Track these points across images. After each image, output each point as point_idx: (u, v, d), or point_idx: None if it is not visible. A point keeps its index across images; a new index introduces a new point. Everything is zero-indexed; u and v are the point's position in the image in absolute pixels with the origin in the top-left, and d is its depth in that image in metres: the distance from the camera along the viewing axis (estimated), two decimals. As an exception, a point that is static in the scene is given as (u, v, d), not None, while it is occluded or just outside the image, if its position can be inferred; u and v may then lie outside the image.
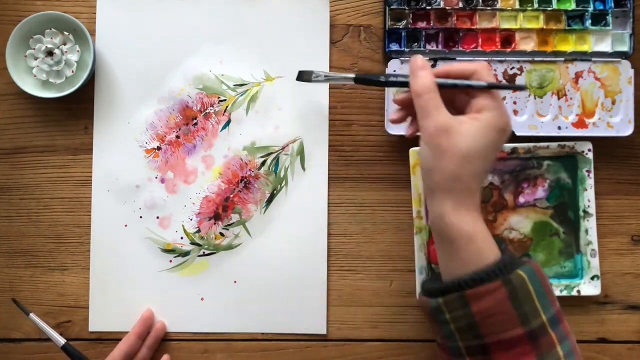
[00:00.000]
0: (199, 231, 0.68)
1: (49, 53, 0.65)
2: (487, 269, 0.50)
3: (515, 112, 0.67)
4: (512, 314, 0.49)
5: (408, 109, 0.57)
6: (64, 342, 0.63)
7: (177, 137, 0.68)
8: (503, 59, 0.67)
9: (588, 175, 0.67)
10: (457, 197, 0.51)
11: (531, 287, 0.50)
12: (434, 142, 0.51)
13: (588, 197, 0.67)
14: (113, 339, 0.67)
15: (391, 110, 0.65)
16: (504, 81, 0.67)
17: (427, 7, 0.67)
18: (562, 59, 0.67)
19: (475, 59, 0.67)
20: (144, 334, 0.66)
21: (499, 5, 0.67)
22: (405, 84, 0.55)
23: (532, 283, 0.50)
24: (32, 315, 0.64)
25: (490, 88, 0.53)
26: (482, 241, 0.51)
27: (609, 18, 0.67)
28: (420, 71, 0.53)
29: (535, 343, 0.49)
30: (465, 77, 0.54)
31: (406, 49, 0.67)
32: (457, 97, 0.55)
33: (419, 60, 0.53)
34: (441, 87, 0.53)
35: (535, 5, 0.67)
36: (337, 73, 0.66)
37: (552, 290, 0.53)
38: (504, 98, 0.67)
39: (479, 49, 0.67)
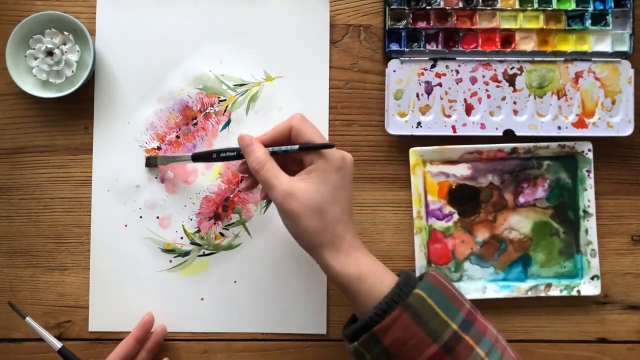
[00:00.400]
0: (199, 231, 0.68)
1: (49, 53, 0.65)
2: (385, 300, 0.51)
3: (515, 112, 0.67)
4: (421, 335, 0.50)
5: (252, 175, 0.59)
6: (60, 346, 0.63)
7: (177, 137, 0.68)
8: (503, 59, 0.67)
9: (588, 175, 0.67)
10: (330, 247, 0.53)
11: (432, 302, 0.51)
12: (286, 209, 0.53)
13: (588, 197, 0.67)
14: (113, 339, 0.67)
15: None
16: (504, 81, 0.67)
17: (427, 7, 0.67)
18: (562, 59, 0.67)
19: (475, 58, 0.67)
20: (142, 339, 0.65)
21: (499, 5, 0.67)
22: (235, 158, 0.59)
23: (432, 297, 0.51)
24: (28, 319, 0.64)
25: (301, 150, 0.55)
26: (372, 276, 0.53)
27: (609, 18, 0.67)
28: (249, 148, 0.56)
29: (452, 354, 0.50)
30: (286, 135, 0.56)
31: (406, 49, 0.67)
32: (289, 157, 0.57)
33: (246, 138, 0.56)
34: (273, 154, 0.56)
35: (535, 5, 0.67)
36: (177, 155, 0.67)
37: (458, 293, 0.53)
38: (504, 98, 0.67)
39: (479, 49, 0.67)
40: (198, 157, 0.62)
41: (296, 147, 0.56)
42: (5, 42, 0.65)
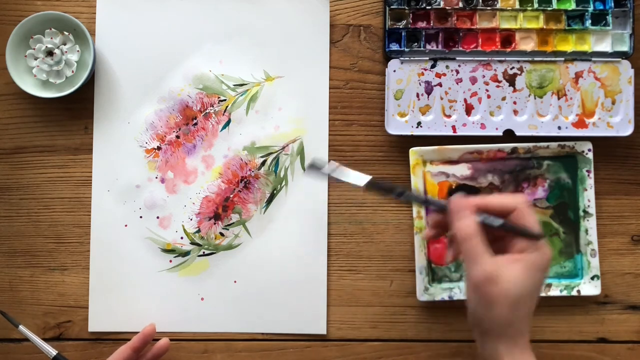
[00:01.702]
0: (199, 231, 0.68)
1: (49, 53, 0.65)
2: None
3: (515, 112, 0.67)
4: None
5: (442, 228, 0.57)
6: (55, 354, 0.62)
7: (177, 137, 0.68)
8: (503, 59, 0.67)
9: (588, 175, 0.67)
10: (509, 340, 0.51)
11: None
12: (483, 291, 0.50)
13: (588, 197, 0.67)
14: (113, 339, 0.67)
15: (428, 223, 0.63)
16: (504, 81, 0.67)
17: (427, 7, 0.67)
18: (562, 59, 0.67)
19: (475, 58, 0.67)
20: (141, 349, 0.64)
21: (499, 5, 0.67)
22: (421, 204, 0.56)
23: None
24: (21, 327, 0.63)
25: (506, 229, 0.52)
26: None
27: (609, 18, 0.67)
28: (461, 212, 0.52)
29: None
30: (505, 213, 0.53)
31: (406, 49, 0.67)
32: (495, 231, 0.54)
33: (462, 201, 0.53)
34: (485, 225, 0.52)
35: (535, 5, 0.67)
36: (352, 171, 0.58)
37: None
38: (504, 98, 0.67)
39: (479, 49, 0.67)
40: (374, 185, 0.57)
41: (500, 221, 0.52)
42: (5, 42, 0.65)
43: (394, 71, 0.67)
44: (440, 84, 0.67)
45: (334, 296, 0.68)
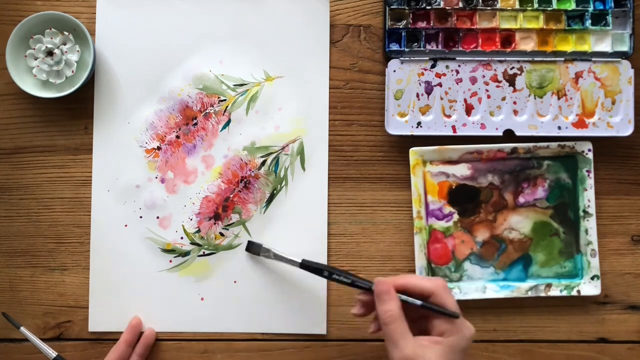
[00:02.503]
0: (199, 231, 0.68)
1: (49, 53, 0.65)
2: None
3: (515, 112, 0.67)
4: None
5: (371, 306, 0.58)
6: (55, 355, 0.63)
7: (177, 137, 0.68)
8: (503, 59, 0.67)
9: (588, 175, 0.67)
10: None
11: None
12: None
13: (588, 197, 0.67)
14: (113, 339, 0.67)
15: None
16: (504, 81, 0.67)
17: (427, 7, 0.67)
18: (562, 59, 0.67)
19: (475, 58, 0.67)
20: (133, 342, 0.65)
21: (499, 5, 0.67)
22: (347, 284, 0.59)
23: None
24: (22, 329, 0.63)
25: (424, 308, 0.55)
26: None
27: (609, 18, 0.67)
28: (385, 295, 0.55)
29: None
30: (423, 296, 0.55)
31: (406, 49, 0.67)
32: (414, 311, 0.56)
33: (384, 284, 0.55)
34: (403, 302, 0.55)
35: (535, 5, 0.67)
36: (285, 254, 0.64)
37: None
38: (504, 98, 0.67)
39: (479, 49, 0.67)
40: (307, 267, 0.62)
41: (418, 302, 0.55)
42: (5, 42, 0.65)
43: (394, 71, 0.67)
44: (440, 84, 0.67)
45: (334, 296, 0.68)
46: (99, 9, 0.69)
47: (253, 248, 0.66)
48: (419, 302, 0.55)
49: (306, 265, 0.62)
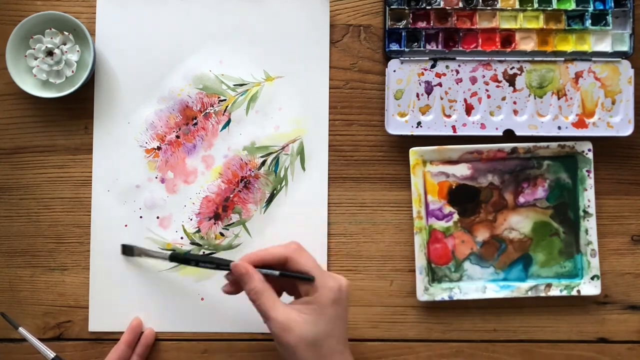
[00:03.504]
0: (199, 231, 0.68)
1: (49, 53, 0.65)
2: None
3: (515, 112, 0.67)
4: None
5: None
6: (53, 356, 0.63)
7: (177, 137, 0.68)
8: (503, 59, 0.67)
9: (588, 175, 0.67)
10: None
11: None
12: (281, 340, 0.55)
13: (588, 197, 0.67)
14: (113, 339, 0.67)
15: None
16: (504, 81, 0.67)
17: (427, 7, 0.67)
18: (562, 59, 0.67)
19: (475, 58, 0.67)
20: (133, 342, 0.66)
21: (499, 5, 0.67)
22: (214, 269, 0.61)
23: None
24: (21, 329, 0.63)
25: (282, 276, 0.57)
26: None
27: (609, 18, 0.67)
28: (245, 277, 0.57)
29: None
30: (280, 263, 0.57)
31: (406, 49, 0.67)
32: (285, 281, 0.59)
33: (240, 266, 0.57)
34: (267, 276, 0.57)
35: (535, 5, 0.67)
36: (155, 250, 0.66)
37: None
38: (504, 98, 0.67)
39: (479, 49, 0.67)
40: (175, 258, 0.63)
41: (277, 272, 0.57)
42: (5, 42, 0.65)
43: (394, 71, 0.67)
44: (440, 84, 0.67)
45: (334, 296, 0.68)
46: (99, 9, 0.69)
47: (128, 251, 0.67)
48: (276, 272, 0.57)
49: (174, 257, 0.63)
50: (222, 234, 0.68)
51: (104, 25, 0.69)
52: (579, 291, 0.67)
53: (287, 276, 0.57)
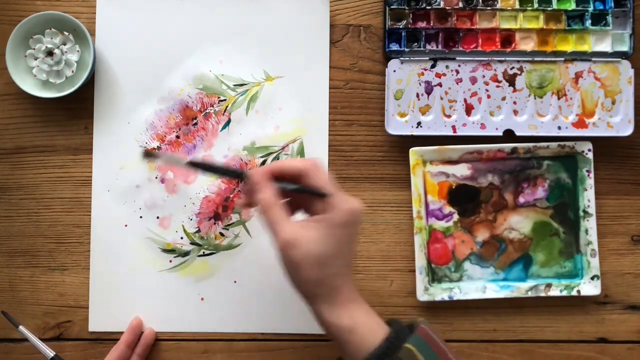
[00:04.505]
0: (199, 231, 0.68)
1: (49, 53, 0.65)
2: (375, 352, 0.51)
3: (515, 112, 0.67)
4: None
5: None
6: (52, 355, 0.63)
7: (177, 137, 0.68)
8: (503, 59, 0.67)
9: (588, 175, 0.67)
10: (326, 298, 0.53)
11: (421, 357, 0.50)
12: (286, 255, 0.52)
13: (588, 197, 0.67)
14: (113, 339, 0.67)
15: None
16: (504, 81, 0.67)
17: (427, 7, 0.67)
18: (562, 59, 0.67)
19: (475, 58, 0.67)
20: (133, 342, 0.66)
21: (499, 5, 0.67)
22: (230, 176, 0.60)
23: (422, 352, 0.50)
24: (21, 327, 0.63)
25: (299, 192, 0.55)
26: (364, 328, 0.52)
27: (609, 18, 0.67)
28: (258, 185, 0.54)
29: None
30: (297, 176, 0.55)
31: (406, 49, 0.67)
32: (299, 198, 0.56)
33: (257, 175, 0.54)
34: (283, 190, 0.55)
35: (535, 5, 0.67)
36: (174, 155, 0.66)
37: (446, 348, 0.53)
38: (504, 98, 0.67)
39: (479, 49, 0.67)
40: (193, 164, 0.59)
41: (292, 186, 0.55)
42: (5, 42, 0.65)
43: (394, 71, 0.67)
44: (440, 84, 0.67)
45: (334, 296, 0.68)
46: (99, 9, 0.69)
47: (149, 155, 0.65)
48: (292, 185, 0.55)
49: (192, 163, 0.59)
50: (222, 234, 0.68)
51: (104, 25, 0.69)
52: (579, 291, 0.67)
53: (301, 191, 0.54)
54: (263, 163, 0.68)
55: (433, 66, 0.67)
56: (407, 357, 0.50)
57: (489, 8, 0.67)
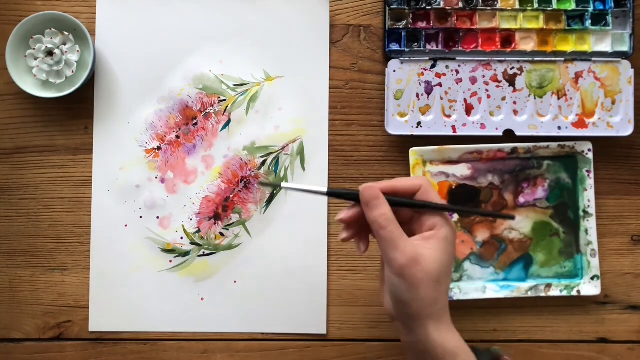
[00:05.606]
0: (199, 231, 0.68)
1: (49, 53, 0.65)
2: None
3: (515, 112, 0.67)
4: None
5: (355, 225, 0.56)
6: (326, 191, 0.55)
7: (177, 137, 0.68)
8: (503, 59, 0.67)
9: (588, 175, 0.67)
10: (436, 318, 0.52)
11: None
12: (407, 274, 0.51)
13: (588, 197, 0.67)
14: (113, 339, 0.67)
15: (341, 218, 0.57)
16: (504, 81, 0.67)
17: (427, 7, 0.67)
18: (562, 59, 0.67)
19: (475, 58, 0.67)
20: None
21: (499, 5, 0.67)
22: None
23: None
24: (283, 184, 0.59)
25: (445, 210, 0.54)
26: (465, 356, 0.53)
27: (609, 18, 0.67)
28: (375, 201, 0.52)
29: None
30: (411, 193, 0.54)
31: (406, 49, 0.67)
32: (401, 211, 0.55)
33: (372, 189, 0.53)
34: (393, 205, 0.53)
35: (535, 5, 0.67)
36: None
37: None
38: (504, 98, 0.67)
39: (479, 49, 0.67)
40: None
41: (440, 205, 0.53)
42: (5, 42, 0.65)
43: (394, 71, 0.67)
44: (440, 84, 0.67)
45: (333, 296, 0.68)
46: (99, 9, 0.69)
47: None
48: (413, 202, 0.54)
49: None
50: (222, 234, 0.68)
51: (104, 25, 0.69)
52: (579, 291, 0.67)
53: (423, 206, 0.53)
54: (263, 163, 0.68)
55: (433, 66, 0.67)
56: None
57: (489, 8, 0.67)
